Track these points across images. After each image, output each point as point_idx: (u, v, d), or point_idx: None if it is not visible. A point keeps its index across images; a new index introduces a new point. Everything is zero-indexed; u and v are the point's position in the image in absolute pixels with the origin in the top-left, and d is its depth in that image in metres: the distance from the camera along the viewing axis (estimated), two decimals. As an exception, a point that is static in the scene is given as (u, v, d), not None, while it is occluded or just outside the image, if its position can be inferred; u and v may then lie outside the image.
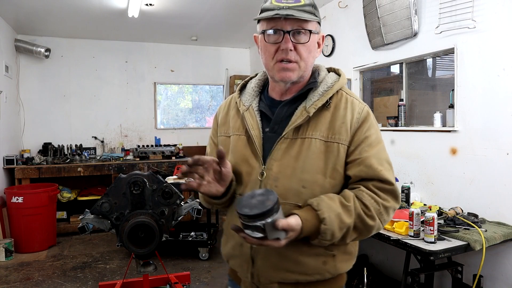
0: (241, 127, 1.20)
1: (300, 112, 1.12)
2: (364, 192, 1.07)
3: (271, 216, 0.93)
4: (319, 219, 1.02)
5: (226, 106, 1.31)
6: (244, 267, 1.16)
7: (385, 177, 1.09)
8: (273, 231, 0.95)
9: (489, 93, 2.64)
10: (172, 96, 6.62)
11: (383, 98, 3.95)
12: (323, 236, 1.02)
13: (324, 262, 1.11)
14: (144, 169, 5.14)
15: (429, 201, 3.09)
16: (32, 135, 5.61)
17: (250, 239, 0.97)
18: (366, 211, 1.06)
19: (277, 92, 1.20)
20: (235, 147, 1.18)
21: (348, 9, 4.05)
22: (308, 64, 1.13)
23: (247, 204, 0.96)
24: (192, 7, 4.52)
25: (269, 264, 1.11)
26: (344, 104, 1.13)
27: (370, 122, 1.13)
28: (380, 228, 1.11)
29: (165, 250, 4.17)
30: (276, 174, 1.10)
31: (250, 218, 0.93)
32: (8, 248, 4.17)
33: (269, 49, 1.11)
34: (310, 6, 1.09)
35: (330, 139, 1.10)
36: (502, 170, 2.57)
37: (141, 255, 2.70)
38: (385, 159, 1.12)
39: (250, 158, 1.15)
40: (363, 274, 3.02)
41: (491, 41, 2.61)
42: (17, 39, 5.38)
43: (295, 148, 1.11)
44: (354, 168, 1.10)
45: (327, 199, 1.05)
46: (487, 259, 2.51)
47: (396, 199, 1.11)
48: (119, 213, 2.73)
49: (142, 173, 2.79)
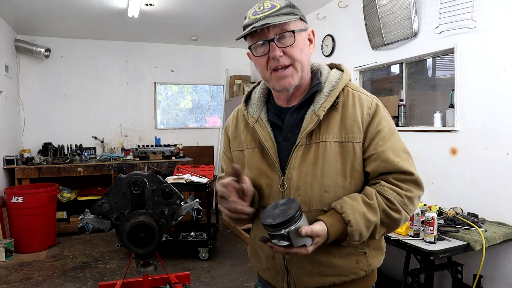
0: (252, 140, 1.20)
1: (310, 117, 1.11)
2: (385, 186, 1.07)
3: (294, 224, 0.95)
4: (345, 222, 1.02)
5: (234, 119, 1.30)
6: (279, 277, 1.17)
7: (404, 168, 1.08)
8: (298, 238, 0.96)
9: (489, 93, 2.64)
10: (172, 96, 6.62)
11: (383, 98, 3.95)
12: (351, 237, 1.03)
13: (357, 261, 1.12)
14: (144, 169, 5.14)
15: (429, 201, 3.09)
16: (32, 135, 5.61)
17: (277, 248, 0.98)
18: (390, 206, 1.05)
19: (283, 100, 1.18)
20: (250, 161, 1.18)
21: (348, 9, 4.05)
22: (304, 63, 1.11)
23: (271, 214, 0.98)
24: (192, 7, 4.52)
25: (304, 271, 1.12)
26: (352, 101, 1.12)
27: (381, 114, 1.11)
28: (407, 219, 1.11)
29: (165, 250, 4.17)
30: (297, 183, 1.10)
31: (274, 228, 0.95)
32: (8, 248, 4.16)
33: (261, 61, 1.10)
34: (287, 7, 1.08)
35: (344, 139, 1.09)
36: (502, 170, 2.57)
37: (141, 255, 2.70)
38: (402, 149, 1.11)
39: (268, 170, 1.14)
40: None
41: (491, 41, 2.61)
42: (17, 39, 5.38)
43: (311, 154, 1.10)
44: (371, 164, 1.09)
45: (350, 200, 1.05)
46: (487, 259, 2.51)
47: (420, 187, 1.10)
48: (119, 213, 2.73)
49: (142, 173, 2.79)
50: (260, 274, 1.27)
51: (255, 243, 1.24)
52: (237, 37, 1.10)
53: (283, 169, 1.12)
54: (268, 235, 0.99)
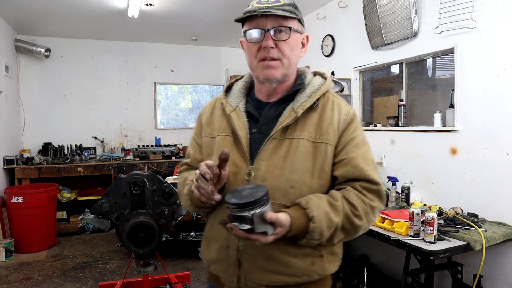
0: (227, 127, 1.19)
1: (288, 113, 1.13)
2: (351, 192, 1.08)
3: (261, 207, 0.93)
4: (308, 217, 1.02)
5: (210, 107, 1.30)
6: (230, 270, 1.13)
7: (372, 177, 1.10)
8: (261, 223, 0.95)
9: (489, 93, 2.64)
10: (172, 96, 6.62)
11: (383, 98, 3.95)
12: (311, 235, 1.03)
13: (312, 263, 1.11)
14: (144, 169, 5.14)
15: (429, 201, 3.09)
16: (32, 135, 5.61)
17: (237, 231, 0.95)
18: (353, 211, 1.06)
19: (264, 94, 1.20)
20: (220, 147, 1.15)
21: (348, 9, 4.05)
22: (292, 62, 1.14)
23: (237, 195, 0.96)
24: (192, 7, 4.52)
25: (256, 266, 1.10)
26: (331, 106, 1.15)
27: (357, 124, 1.16)
28: (366, 229, 1.12)
29: (165, 250, 4.17)
30: (264, 174, 1.09)
31: (239, 207, 0.93)
32: (8, 248, 4.16)
33: (252, 48, 1.12)
34: (290, 6, 1.11)
35: (318, 139, 1.11)
36: (502, 170, 2.57)
37: (141, 255, 2.70)
38: (371, 160, 1.15)
39: (237, 159, 1.13)
40: (363, 274, 3.03)
41: (491, 41, 2.61)
42: (17, 39, 5.38)
43: (283, 148, 1.11)
44: (341, 168, 1.11)
45: (316, 198, 1.06)
46: (487, 259, 2.51)
47: (382, 200, 1.13)
48: (119, 213, 2.73)
49: (142, 173, 2.80)
50: (211, 269, 1.23)
51: (210, 234, 1.21)
52: (236, 18, 1.13)
53: (252, 160, 1.12)
54: (229, 216, 0.96)
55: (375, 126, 3.70)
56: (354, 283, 3.19)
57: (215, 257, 1.18)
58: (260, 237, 0.96)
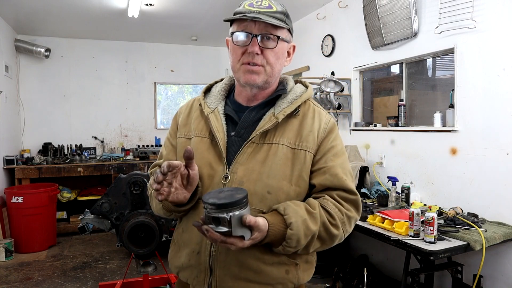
0: (204, 129, 1.17)
1: (268, 118, 1.11)
2: (328, 201, 1.08)
3: (239, 210, 0.90)
4: (286, 224, 1.00)
5: (187, 107, 1.27)
6: (201, 277, 1.09)
7: (349, 187, 1.10)
8: (239, 227, 0.91)
9: (489, 93, 2.64)
10: (172, 96, 6.62)
11: (383, 98, 3.95)
12: (288, 242, 1.00)
13: (287, 271, 1.08)
14: (144, 169, 5.14)
15: (429, 201, 3.09)
16: (32, 135, 5.61)
17: (212, 233, 0.90)
18: (330, 220, 1.05)
19: (244, 97, 1.18)
20: (196, 149, 1.13)
21: (348, 9, 4.05)
22: (275, 70, 1.12)
23: (215, 196, 0.92)
24: (192, 7, 4.52)
25: (229, 273, 1.06)
26: (311, 114, 1.15)
27: (336, 133, 1.16)
28: (342, 239, 1.10)
29: (165, 250, 4.15)
30: (241, 178, 1.07)
31: (217, 208, 0.89)
32: (8, 248, 4.17)
33: (237, 51, 1.11)
34: (282, 14, 1.10)
35: (298, 146, 1.10)
36: (502, 170, 2.57)
37: (141, 255, 2.70)
38: (349, 170, 1.14)
39: (213, 161, 1.11)
40: (363, 274, 3.03)
41: (491, 41, 2.61)
42: (17, 39, 5.38)
43: (262, 153, 1.09)
44: (319, 177, 1.10)
45: (293, 205, 1.04)
46: (487, 259, 2.51)
47: (358, 210, 1.12)
48: (119, 213, 2.73)
49: (142, 173, 2.80)
50: (180, 276, 1.17)
51: (180, 239, 1.17)
52: (225, 18, 1.13)
53: (229, 163, 1.10)
54: (205, 218, 0.92)
55: (375, 126, 3.70)
56: (354, 283, 3.19)
57: (185, 263, 1.13)
58: (237, 241, 0.91)
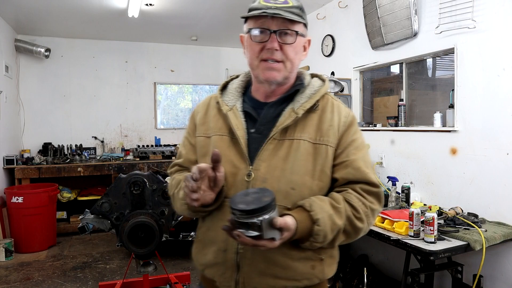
0: (223, 127, 1.16)
1: (288, 113, 1.11)
2: (352, 194, 1.08)
3: (269, 213, 0.90)
4: (313, 220, 1.01)
5: (204, 106, 1.26)
6: (227, 274, 1.10)
7: (372, 179, 1.10)
8: (270, 229, 0.91)
9: (489, 93, 2.64)
10: (172, 96, 6.62)
11: (383, 98, 3.95)
12: (315, 238, 1.01)
13: (312, 267, 1.09)
14: (144, 169, 5.14)
15: (429, 201, 3.09)
16: (32, 135, 5.61)
17: (244, 238, 0.91)
18: (355, 214, 1.06)
19: (261, 94, 1.18)
20: (217, 147, 1.11)
21: (348, 9, 4.05)
22: (294, 65, 1.12)
23: (242, 200, 0.91)
24: (192, 7, 4.52)
25: (256, 270, 1.07)
26: (330, 108, 1.15)
27: (356, 126, 1.16)
28: (366, 231, 1.11)
29: (165, 250, 4.17)
30: (264, 175, 1.07)
31: (247, 214, 0.88)
32: (8, 248, 4.16)
33: (254, 48, 1.10)
34: (298, 9, 1.09)
35: (318, 141, 1.10)
36: (502, 170, 2.57)
37: (141, 255, 2.70)
38: (370, 163, 1.15)
39: (235, 159, 1.11)
40: (363, 274, 3.03)
41: (491, 41, 2.61)
42: (17, 39, 5.38)
43: (283, 149, 1.09)
44: (341, 171, 1.10)
45: (318, 201, 1.04)
46: (487, 259, 2.51)
47: (381, 202, 1.13)
48: (119, 213, 2.73)
49: (142, 173, 2.80)
50: (204, 274, 1.18)
51: (205, 237, 1.16)
52: (242, 15, 1.11)
53: (251, 160, 1.09)
54: (234, 223, 0.91)
55: (375, 126, 3.70)
56: (354, 283, 3.19)
57: (212, 260, 1.13)
58: (268, 243, 0.93)
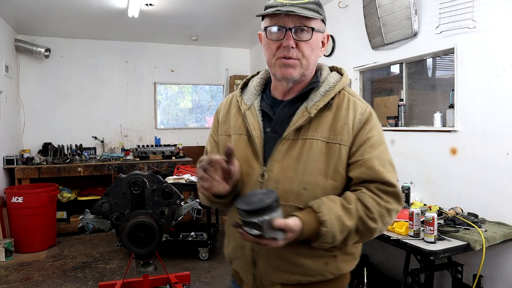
0: (242, 126, 1.19)
1: (301, 113, 1.11)
2: (366, 194, 1.06)
3: (269, 214, 0.94)
4: (320, 221, 1.01)
5: (227, 104, 1.29)
6: (246, 268, 1.16)
7: (387, 179, 1.07)
8: (270, 230, 0.95)
9: (489, 93, 2.64)
10: (172, 96, 6.62)
11: (383, 98, 3.95)
12: (323, 239, 1.02)
13: (325, 263, 1.11)
14: (144, 169, 5.13)
15: (429, 201, 3.09)
16: (32, 135, 5.61)
17: (247, 236, 0.97)
18: (368, 214, 1.05)
19: (280, 91, 1.18)
20: (235, 146, 1.15)
21: (348, 9, 4.05)
22: (311, 62, 1.12)
23: (247, 201, 0.97)
24: (192, 7, 4.52)
25: (270, 265, 1.11)
26: (346, 105, 1.12)
27: (373, 123, 1.12)
28: (382, 231, 1.10)
29: (165, 250, 4.17)
30: (277, 176, 1.09)
31: (247, 214, 0.94)
32: (8, 248, 4.16)
33: (271, 46, 1.10)
34: (314, 4, 1.08)
35: (332, 140, 1.09)
36: (502, 170, 2.57)
37: (141, 255, 2.70)
38: (388, 160, 1.11)
39: (251, 159, 1.13)
40: (363, 274, 3.02)
41: (491, 41, 2.61)
42: (17, 39, 5.38)
43: (296, 149, 1.09)
44: (356, 170, 1.09)
45: (328, 201, 1.04)
46: (487, 259, 2.51)
47: (399, 201, 1.10)
48: (119, 213, 2.73)
49: (142, 173, 2.79)
50: (232, 265, 1.26)
51: (228, 231, 1.24)
52: (257, 14, 1.11)
53: (265, 160, 1.11)
54: (240, 221, 0.98)
55: (375, 126, 3.70)
56: (354, 283, 3.19)
57: (233, 254, 1.21)
58: (270, 242, 0.96)
